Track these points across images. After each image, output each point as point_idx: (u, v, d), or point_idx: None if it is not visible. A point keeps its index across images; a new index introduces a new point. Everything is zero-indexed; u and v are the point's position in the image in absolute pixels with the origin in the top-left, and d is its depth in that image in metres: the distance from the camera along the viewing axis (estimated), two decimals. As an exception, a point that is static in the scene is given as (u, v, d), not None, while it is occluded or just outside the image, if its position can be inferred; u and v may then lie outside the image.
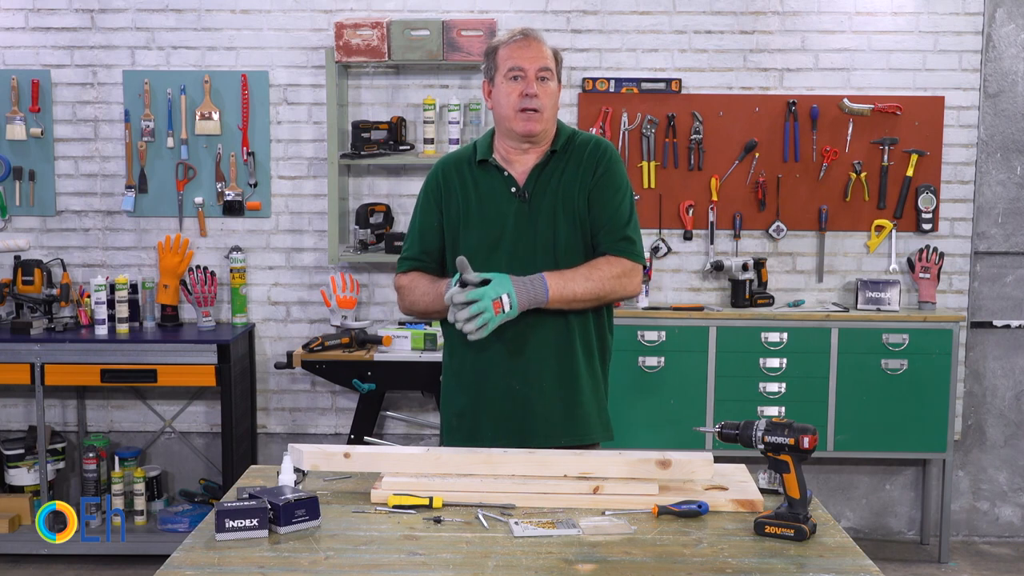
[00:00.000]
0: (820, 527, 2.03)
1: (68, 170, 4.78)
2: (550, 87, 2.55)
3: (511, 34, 2.59)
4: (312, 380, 4.80)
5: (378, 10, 4.68)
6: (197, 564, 1.85)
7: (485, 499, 2.13)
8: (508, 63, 2.54)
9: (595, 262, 2.52)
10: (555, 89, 2.57)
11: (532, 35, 2.58)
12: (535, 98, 2.51)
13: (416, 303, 2.63)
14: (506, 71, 2.54)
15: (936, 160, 4.71)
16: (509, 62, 2.54)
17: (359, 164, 4.68)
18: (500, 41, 2.60)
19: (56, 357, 4.34)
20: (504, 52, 2.56)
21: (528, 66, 2.52)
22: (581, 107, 4.70)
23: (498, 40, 2.61)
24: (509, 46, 2.56)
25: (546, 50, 2.56)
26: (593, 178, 2.55)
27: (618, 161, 2.60)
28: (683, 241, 4.77)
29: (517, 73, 2.53)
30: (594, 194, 2.54)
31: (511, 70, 2.53)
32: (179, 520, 4.48)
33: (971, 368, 4.85)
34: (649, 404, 4.44)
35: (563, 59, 2.67)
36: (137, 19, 4.72)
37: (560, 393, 2.58)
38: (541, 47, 2.56)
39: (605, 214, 2.54)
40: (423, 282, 2.62)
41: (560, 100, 4.70)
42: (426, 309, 2.61)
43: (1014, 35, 4.72)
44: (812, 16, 4.70)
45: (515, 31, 2.60)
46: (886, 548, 4.79)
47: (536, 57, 2.53)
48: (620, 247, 2.54)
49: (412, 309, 2.66)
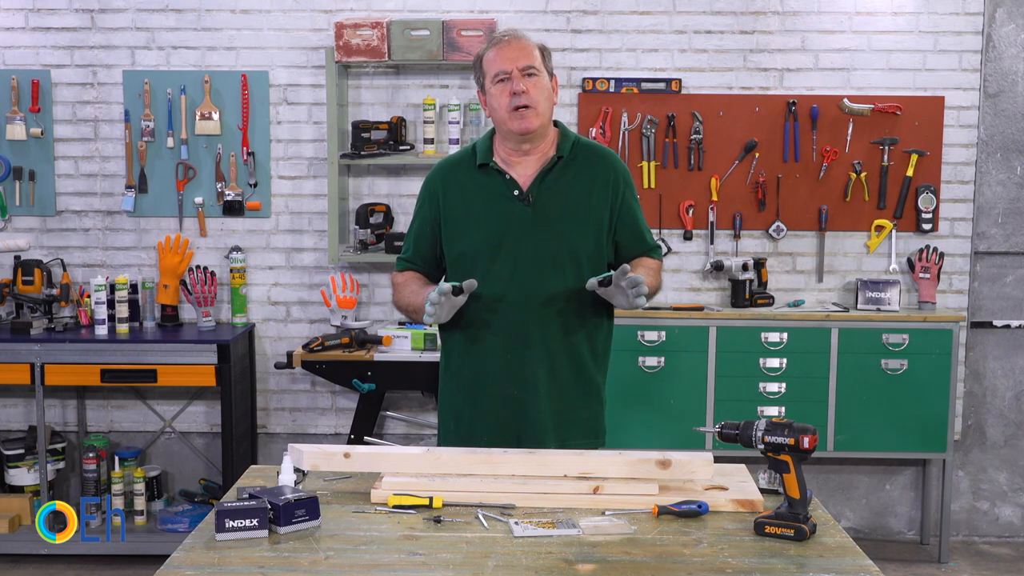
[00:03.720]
0: (820, 527, 2.03)
1: (68, 170, 4.78)
2: (540, 82, 2.55)
3: (492, 40, 2.61)
4: (312, 380, 4.80)
5: (378, 10, 4.68)
6: (197, 564, 1.85)
7: (485, 499, 2.13)
8: (493, 68, 2.55)
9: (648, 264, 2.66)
10: (546, 83, 2.57)
11: (512, 35, 2.58)
12: (524, 94, 2.51)
13: (402, 303, 2.73)
14: (492, 76, 2.55)
15: (936, 160, 4.71)
16: (493, 67, 2.55)
17: (359, 164, 4.68)
18: (483, 49, 2.61)
19: (56, 357, 4.34)
20: (487, 58, 2.58)
21: (511, 67, 2.53)
22: (581, 107, 4.70)
23: (481, 49, 2.63)
24: (490, 52, 2.57)
25: (528, 46, 2.56)
26: (618, 196, 2.63)
27: (629, 172, 2.71)
28: (683, 241, 4.77)
29: (503, 76, 2.54)
30: (623, 213, 2.64)
31: (496, 75, 2.54)
32: (179, 520, 4.48)
33: (971, 368, 4.85)
34: (649, 404, 4.44)
35: (551, 52, 2.66)
36: (137, 19, 4.72)
37: (557, 398, 2.58)
38: (523, 44, 2.56)
39: (636, 229, 2.67)
40: (413, 285, 2.68)
41: (560, 100, 4.74)
42: (410, 309, 2.70)
43: (1014, 35, 4.72)
44: (812, 16, 4.70)
45: (495, 35, 2.62)
46: (886, 548, 4.79)
47: (518, 56, 2.54)
48: (652, 253, 2.71)
49: (398, 307, 2.77)
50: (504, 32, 2.62)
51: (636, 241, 2.67)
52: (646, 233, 2.70)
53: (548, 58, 2.61)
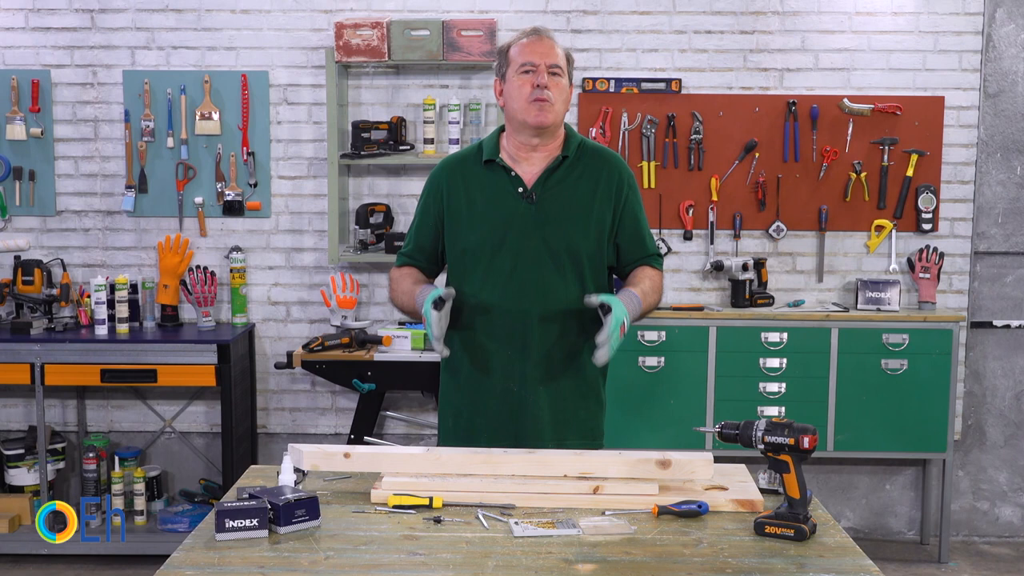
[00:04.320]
0: (820, 527, 2.03)
1: (68, 170, 4.78)
2: (561, 83, 2.58)
3: (523, 33, 2.64)
4: (312, 380, 4.80)
5: (378, 10, 4.68)
6: (197, 564, 1.85)
7: (485, 499, 2.13)
8: (520, 59, 2.58)
9: (651, 276, 2.66)
10: (566, 86, 2.61)
11: (545, 33, 2.63)
12: (546, 89, 2.54)
13: (397, 300, 2.75)
14: (518, 66, 2.58)
15: (936, 160, 4.70)
16: (521, 57, 2.58)
17: (359, 164, 4.68)
18: (512, 40, 2.65)
19: (56, 357, 4.34)
20: (516, 49, 2.60)
21: (539, 61, 2.56)
22: (581, 107, 4.70)
23: (510, 40, 2.67)
24: (521, 43, 2.60)
25: (558, 49, 2.61)
26: (621, 198, 2.63)
27: (633, 176, 2.71)
28: (683, 241, 4.77)
29: (529, 68, 2.56)
30: (625, 217, 2.64)
31: (523, 65, 2.57)
32: (179, 520, 4.48)
33: (971, 368, 4.85)
34: (649, 404, 4.44)
35: (575, 61, 2.71)
36: (137, 19, 4.72)
37: (555, 398, 2.58)
38: (553, 46, 2.60)
39: (637, 236, 2.66)
40: (407, 283, 2.69)
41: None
42: (402, 307, 2.73)
43: (1014, 35, 4.72)
44: (812, 16, 4.70)
45: (527, 30, 2.65)
46: (886, 548, 4.79)
47: (547, 53, 2.57)
48: (654, 260, 2.69)
49: (393, 302, 2.79)
50: (537, 28, 2.65)
51: (636, 245, 2.66)
52: (647, 238, 2.69)
53: (571, 65, 2.65)
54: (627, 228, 2.64)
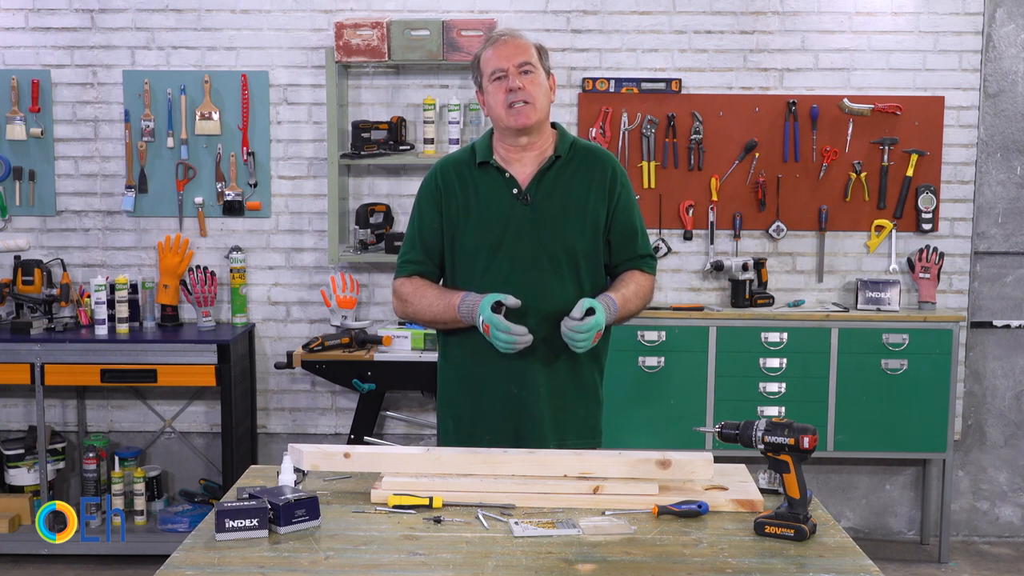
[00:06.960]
0: (820, 527, 2.03)
1: (68, 170, 4.78)
2: (536, 78, 2.57)
3: (488, 40, 2.64)
4: (312, 380, 4.80)
5: (378, 10, 4.68)
6: (197, 564, 1.85)
7: (485, 499, 2.13)
8: (489, 67, 2.58)
9: (638, 281, 2.64)
10: (542, 80, 2.59)
11: (507, 34, 2.62)
12: (521, 91, 2.54)
13: (420, 312, 2.62)
14: (489, 75, 2.58)
15: (936, 160, 4.71)
16: (490, 66, 2.58)
17: (359, 164, 4.68)
18: (480, 50, 2.64)
19: (56, 357, 4.34)
20: (484, 57, 2.61)
21: (507, 64, 2.55)
22: (581, 107, 4.70)
23: (479, 50, 2.66)
24: (487, 51, 2.60)
25: (524, 44, 2.59)
26: (614, 197, 2.62)
27: (627, 174, 2.70)
28: (683, 241, 4.77)
29: (499, 74, 2.56)
30: (617, 214, 2.62)
31: (493, 73, 2.57)
32: (179, 520, 4.48)
33: (971, 368, 4.85)
34: (649, 404, 4.44)
35: (548, 52, 2.68)
36: (137, 19, 4.72)
37: (555, 397, 2.58)
38: (519, 43, 2.58)
39: (628, 233, 2.65)
40: (430, 292, 2.61)
41: (560, 100, 4.75)
42: (432, 320, 2.61)
43: (1014, 35, 4.72)
44: (812, 16, 4.70)
45: (492, 35, 2.65)
46: (886, 548, 4.79)
47: (513, 54, 2.56)
48: (645, 263, 2.68)
49: (414, 318, 2.66)
50: (500, 31, 2.66)
51: (627, 244, 2.65)
52: (640, 238, 2.67)
53: (545, 57, 2.63)
54: (619, 226, 2.63)
